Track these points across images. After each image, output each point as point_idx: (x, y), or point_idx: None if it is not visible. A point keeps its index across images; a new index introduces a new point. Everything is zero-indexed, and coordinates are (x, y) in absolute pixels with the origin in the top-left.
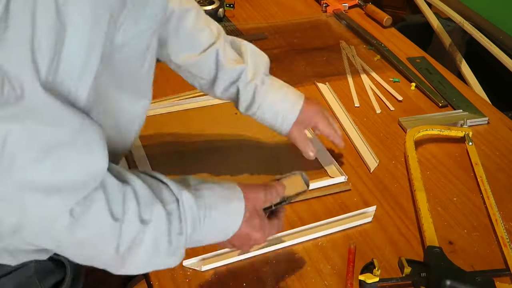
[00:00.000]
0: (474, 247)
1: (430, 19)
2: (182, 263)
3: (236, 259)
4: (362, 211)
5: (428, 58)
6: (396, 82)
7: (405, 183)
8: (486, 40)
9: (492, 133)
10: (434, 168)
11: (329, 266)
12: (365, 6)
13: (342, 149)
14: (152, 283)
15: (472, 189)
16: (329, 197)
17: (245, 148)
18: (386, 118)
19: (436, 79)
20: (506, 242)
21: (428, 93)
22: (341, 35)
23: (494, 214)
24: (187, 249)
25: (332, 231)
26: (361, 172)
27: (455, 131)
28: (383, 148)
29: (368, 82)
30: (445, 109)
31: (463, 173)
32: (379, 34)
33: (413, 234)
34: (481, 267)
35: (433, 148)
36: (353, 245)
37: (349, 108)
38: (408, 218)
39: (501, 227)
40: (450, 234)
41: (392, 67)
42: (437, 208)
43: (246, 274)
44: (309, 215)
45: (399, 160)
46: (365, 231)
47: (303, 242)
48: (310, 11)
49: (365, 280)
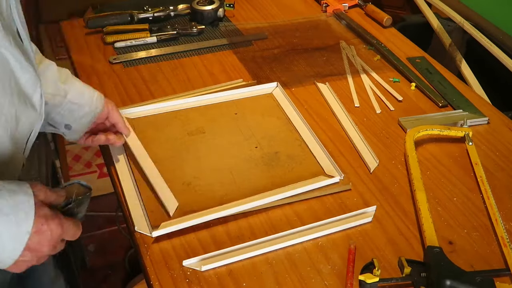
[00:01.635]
0: (474, 247)
1: (430, 19)
2: (182, 263)
3: (236, 259)
4: (362, 211)
5: (428, 58)
6: (396, 82)
7: (405, 183)
8: (486, 40)
9: (492, 133)
10: (434, 168)
11: (329, 266)
12: (365, 6)
13: (342, 149)
14: (152, 283)
15: (472, 189)
16: (329, 197)
17: (245, 148)
18: (386, 118)
19: (436, 79)
20: (506, 242)
21: (428, 93)
22: (341, 35)
23: (494, 214)
24: (187, 249)
25: (332, 231)
26: (361, 172)
27: (455, 131)
28: (383, 148)
29: (368, 82)
30: (445, 109)
31: (463, 173)
32: (379, 34)
33: (413, 234)
34: (481, 267)
35: (433, 148)
36: (353, 245)
37: (349, 108)
38: (408, 218)
39: (501, 227)
40: (450, 234)
41: (392, 67)
42: (437, 208)
43: (246, 274)
44: (309, 215)
45: (399, 160)
46: (365, 231)
47: (303, 242)
48: (310, 11)
49: (365, 280)
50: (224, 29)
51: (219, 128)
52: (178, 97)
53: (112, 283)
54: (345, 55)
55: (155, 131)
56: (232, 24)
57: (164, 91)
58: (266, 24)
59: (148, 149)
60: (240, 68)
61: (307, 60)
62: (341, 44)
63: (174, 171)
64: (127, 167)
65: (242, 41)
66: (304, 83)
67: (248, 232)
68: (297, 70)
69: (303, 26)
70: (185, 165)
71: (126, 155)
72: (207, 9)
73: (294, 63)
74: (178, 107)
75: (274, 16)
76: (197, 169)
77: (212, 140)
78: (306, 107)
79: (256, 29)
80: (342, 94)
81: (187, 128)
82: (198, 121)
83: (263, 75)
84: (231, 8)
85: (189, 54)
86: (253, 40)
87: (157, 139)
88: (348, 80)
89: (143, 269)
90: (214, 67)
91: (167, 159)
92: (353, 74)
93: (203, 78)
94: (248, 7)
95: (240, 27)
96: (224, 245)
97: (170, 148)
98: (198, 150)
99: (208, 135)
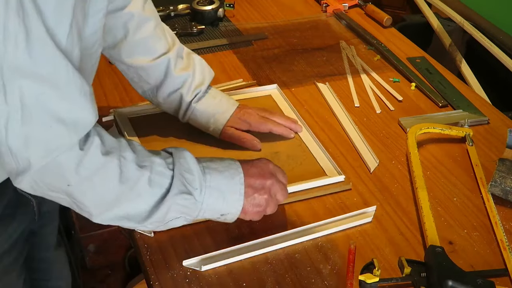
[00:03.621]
0: (474, 247)
1: (430, 19)
2: (182, 263)
3: (236, 259)
4: (362, 211)
5: (428, 58)
6: (396, 82)
7: (405, 183)
8: (486, 40)
9: (492, 133)
10: (434, 168)
11: (329, 266)
12: (365, 6)
13: (342, 149)
14: (152, 283)
15: (472, 189)
16: (329, 197)
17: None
18: (386, 118)
19: (436, 79)
20: (505, 246)
21: (428, 93)
22: (341, 35)
23: (494, 217)
24: (187, 248)
25: (332, 231)
26: (361, 172)
27: (456, 131)
28: (383, 148)
29: (368, 82)
30: (445, 109)
31: (463, 173)
32: (379, 34)
33: (413, 234)
34: (481, 267)
35: (433, 148)
36: (353, 245)
37: (349, 108)
38: (408, 218)
39: (501, 230)
40: (450, 234)
41: (392, 67)
42: (437, 208)
43: (246, 274)
44: (309, 215)
45: (399, 160)
46: (365, 231)
47: (303, 242)
48: (310, 11)
49: (365, 280)
50: (224, 29)
51: None
52: None
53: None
54: (345, 55)
55: (155, 131)
56: (232, 24)
57: None
58: (266, 24)
59: (148, 149)
60: (240, 68)
61: (307, 60)
62: (341, 44)
63: None
64: None
65: (242, 41)
66: (304, 83)
67: (248, 232)
68: (297, 70)
69: (303, 26)
70: None
71: None
72: (207, 9)
73: (294, 63)
74: None
75: (274, 16)
76: None
77: (212, 140)
78: (306, 107)
79: (256, 29)
80: (342, 94)
81: (187, 128)
82: None
83: (263, 75)
84: (231, 8)
85: None
86: (253, 40)
87: (157, 139)
88: (348, 80)
89: (143, 269)
90: (214, 67)
91: None
92: (353, 74)
93: None
94: (248, 7)
95: (240, 27)
96: (224, 245)
97: None
98: (198, 150)
99: (208, 135)
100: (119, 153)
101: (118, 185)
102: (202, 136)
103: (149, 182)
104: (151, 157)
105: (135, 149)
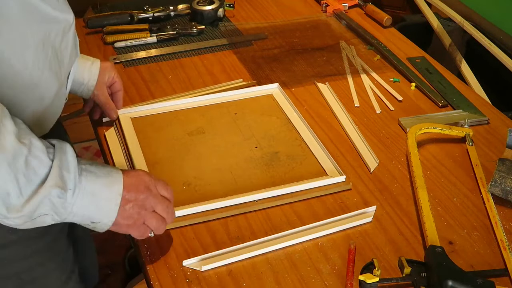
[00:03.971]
0: (474, 247)
1: (430, 19)
2: (182, 263)
3: (236, 259)
4: (362, 211)
5: (428, 58)
6: (396, 82)
7: (405, 183)
8: (486, 40)
9: (492, 133)
10: (434, 168)
11: (329, 266)
12: (365, 6)
13: (342, 149)
14: (152, 283)
15: (472, 189)
16: (329, 197)
17: (245, 148)
18: (386, 118)
19: (436, 79)
20: (505, 246)
21: (428, 93)
22: (341, 35)
23: (494, 217)
24: (187, 248)
25: (332, 231)
26: (361, 172)
27: (456, 131)
28: (383, 148)
29: (368, 82)
30: (445, 109)
31: (463, 173)
32: (379, 34)
33: (413, 234)
34: (481, 267)
35: (433, 149)
36: (353, 245)
37: (349, 108)
38: (408, 218)
39: (501, 230)
40: (450, 234)
41: (392, 67)
42: (437, 208)
43: (246, 274)
44: (309, 215)
45: (399, 160)
46: (365, 231)
47: (303, 242)
48: (310, 11)
49: (365, 280)
50: (224, 29)
51: (219, 128)
52: (178, 97)
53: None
54: (345, 55)
55: (155, 131)
56: (232, 24)
57: (164, 91)
58: (266, 24)
59: (148, 149)
60: (240, 68)
61: (307, 60)
62: (341, 44)
63: (174, 171)
64: (127, 167)
65: (242, 41)
66: (304, 83)
67: (248, 232)
68: (297, 70)
69: (303, 26)
70: (185, 165)
71: (126, 155)
72: (207, 9)
73: (294, 63)
74: (178, 107)
75: (274, 16)
76: (197, 169)
77: (212, 140)
78: (306, 107)
79: (256, 29)
80: (342, 94)
81: (187, 128)
82: (198, 121)
83: (263, 75)
84: (231, 8)
85: (189, 54)
86: (253, 40)
87: (157, 139)
88: (348, 80)
89: (143, 269)
90: (214, 67)
91: (167, 159)
92: (353, 74)
93: (203, 78)
94: (248, 7)
95: (240, 27)
96: (224, 245)
97: (170, 148)
98: (198, 150)
99: (208, 135)
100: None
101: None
102: (202, 136)
103: (26, 163)
104: (32, 139)
105: (16, 122)
